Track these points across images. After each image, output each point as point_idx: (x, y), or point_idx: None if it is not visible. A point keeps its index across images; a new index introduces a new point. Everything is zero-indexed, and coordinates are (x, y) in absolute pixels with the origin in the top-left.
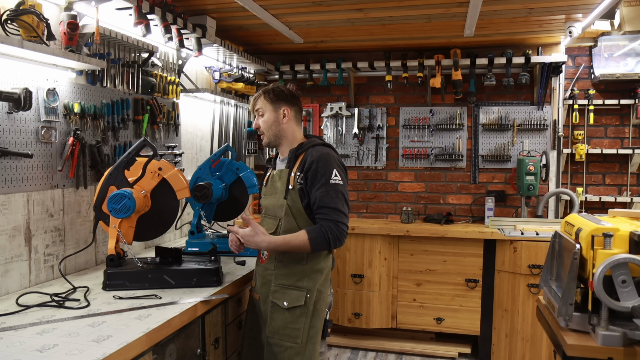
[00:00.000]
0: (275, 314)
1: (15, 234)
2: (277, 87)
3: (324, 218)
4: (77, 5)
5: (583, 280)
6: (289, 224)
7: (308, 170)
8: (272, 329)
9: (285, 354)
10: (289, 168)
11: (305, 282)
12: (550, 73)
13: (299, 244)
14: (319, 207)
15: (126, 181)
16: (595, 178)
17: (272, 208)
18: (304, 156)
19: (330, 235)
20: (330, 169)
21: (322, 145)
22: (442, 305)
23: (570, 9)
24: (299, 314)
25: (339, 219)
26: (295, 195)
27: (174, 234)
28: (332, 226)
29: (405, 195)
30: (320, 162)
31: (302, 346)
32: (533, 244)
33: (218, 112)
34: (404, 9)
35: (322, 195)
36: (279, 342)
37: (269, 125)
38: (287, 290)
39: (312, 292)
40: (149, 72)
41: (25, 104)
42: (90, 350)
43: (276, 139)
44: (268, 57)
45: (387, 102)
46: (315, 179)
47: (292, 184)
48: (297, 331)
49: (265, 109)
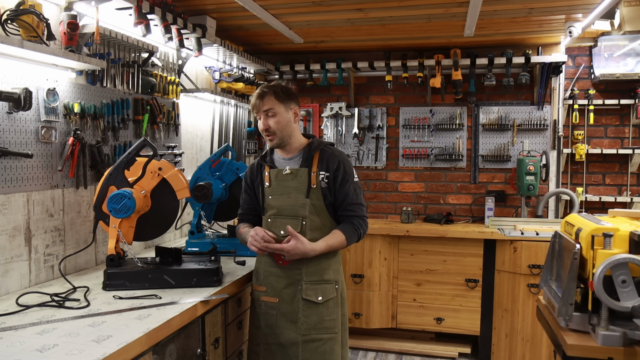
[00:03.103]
0: (308, 310)
1: (15, 234)
2: (284, 86)
3: (353, 215)
4: (77, 5)
5: (583, 280)
6: (314, 222)
7: (336, 170)
8: (307, 326)
9: (327, 346)
10: (307, 167)
11: (331, 275)
12: (550, 73)
13: (339, 244)
14: (349, 204)
15: (126, 181)
16: (595, 178)
17: (291, 208)
18: (321, 155)
19: (361, 230)
20: (352, 167)
21: (331, 145)
22: (442, 305)
23: (570, 9)
24: (333, 305)
25: (364, 214)
26: (319, 193)
27: (174, 234)
28: (361, 222)
29: (405, 195)
30: (345, 162)
31: (339, 335)
32: (533, 244)
33: (218, 112)
34: (404, 9)
35: (350, 193)
36: (317, 337)
37: (282, 126)
38: (318, 286)
39: (339, 283)
40: (149, 72)
41: (25, 104)
42: (90, 350)
43: (287, 140)
44: (268, 57)
45: (387, 102)
46: (344, 179)
47: (314, 182)
48: (334, 322)
49: (277, 109)
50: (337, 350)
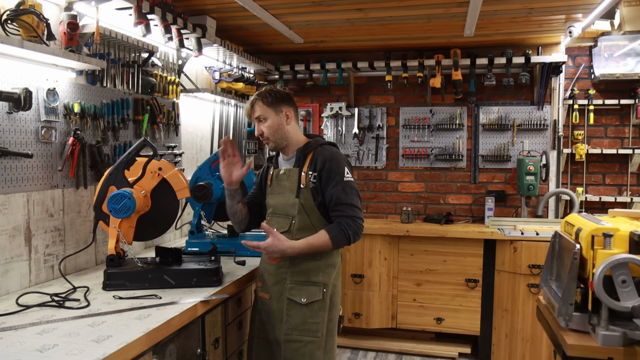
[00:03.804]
0: (292, 310)
1: (15, 234)
2: (271, 90)
3: (341, 215)
4: (77, 5)
5: (583, 280)
6: (303, 221)
7: (322, 170)
8: (290, 326)
9: (306, 348)
10: (299, 167)
11: (320, 277)
12: (550, 73)
13: (322, 244)
14: (336, 204)
15: (126, 181)
16: (595, 178)
17: (283, 207)
18: (313, 155)
19: (349, 231)
20: (342, 167)
21: (329, 144)
22: (442, 305)
23: (570, 9)
24: (317, 309)
25: (355, 214)
26: (308, 194)
27: (174, 234)
28: (349, 222)
29: (405, 195)
30: (333, 161)
31: (322, 339)
32: (533, 244)
33: (218, 112)
34: (404, 9)
35: (337, 193)
36: (298, 338)
37: (274, 131)
38: (303, 286)
39: (327, 287)
40: (149, 72)
41: (25, 104)
42: (90, 350)
43: (282, 142)
44: (268, 57)
45: (387, 102)
46: (330, 178)
47: (303, 182)
48: (317, 325)
49: (267, 114)
50: (318, 355)
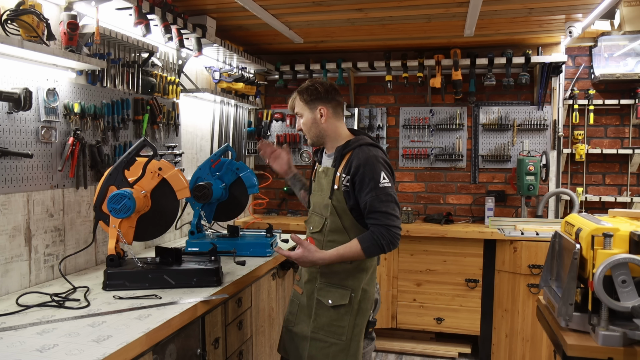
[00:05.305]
0: (320, 310)
1: (15, 234)
2: (311, 86)
3: (375, 223)
4: (77, 5)
5: (583, 280)
6: (334, 223)
7: (355, 175)
8: (317, 325)
9: (330, 350)
10: (335, 167)
11: (350, 281)
12: (550, 73)
13: (353, 255)
14: (370, 212)
15: (126, 181)
16: (595, 178)
17: (319, 206)
18: (350, 157)
19: (383, 241)
20: (378, 171)
21: (369, 145)
22: (442, 305)
23: (570, 9)
24: (344, 312)
25: (391, 223)
26: (340, 196)
27: (174, 234)
28: (383, 231)
29: (405, 195)
30: (367, 165)
31: (346, 343)
32: (533, 244)
33: (218, 112)
34: (404, 9)
35: (372, 200)
36: (324, 338)
37: (308, 127)
38: (332, 289)
39: (356, 291)
40: (149, 72)
41: (25, 104)
42: (90, 350)
43: (319, 139)
44: (268, 57)
45: (387, 102)
46: (363, 184)
47: (337, 184)
48: (342, 329)
49: (303, 111)
50: (341, 358)
